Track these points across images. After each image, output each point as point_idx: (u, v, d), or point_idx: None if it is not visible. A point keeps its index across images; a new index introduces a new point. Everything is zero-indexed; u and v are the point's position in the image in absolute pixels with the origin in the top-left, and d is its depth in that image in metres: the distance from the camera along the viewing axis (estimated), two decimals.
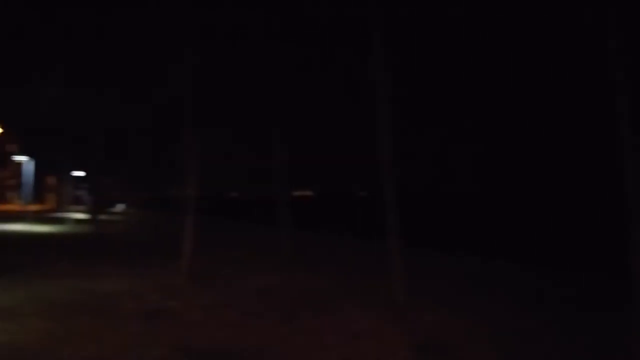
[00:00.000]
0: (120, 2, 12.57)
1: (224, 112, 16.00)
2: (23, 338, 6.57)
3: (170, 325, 7.43)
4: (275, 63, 12.55)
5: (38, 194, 55.99)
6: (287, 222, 14.00)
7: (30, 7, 11.88)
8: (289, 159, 13.68)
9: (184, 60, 10.78)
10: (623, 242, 6.78)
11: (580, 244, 18.19)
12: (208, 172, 17.74)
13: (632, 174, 6.36)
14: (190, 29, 10.59)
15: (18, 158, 42.00)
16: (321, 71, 13.36)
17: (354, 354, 6.33)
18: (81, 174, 36.22)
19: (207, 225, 15.84)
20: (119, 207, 36.42)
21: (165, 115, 17.24)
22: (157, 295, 9.45)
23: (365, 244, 19.23)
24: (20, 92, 21.46)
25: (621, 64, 6.24)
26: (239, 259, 14.81)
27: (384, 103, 9.08)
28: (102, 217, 20.42)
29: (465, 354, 6.42)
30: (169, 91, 13.31)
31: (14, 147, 44.76)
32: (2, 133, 33.55)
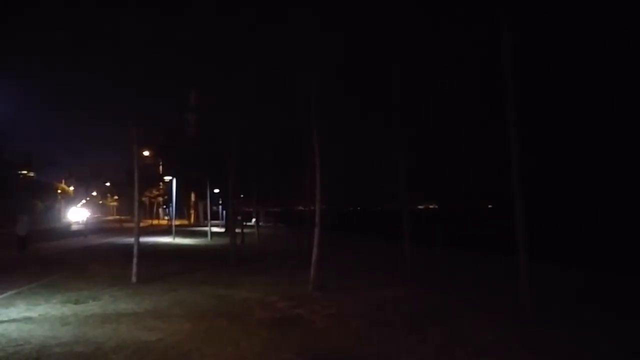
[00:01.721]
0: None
1: (348, 131, 16.31)
2: (172, 336, 7.42)
3: (298, 331, 7.81)
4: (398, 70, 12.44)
5: (181, 210, 61.77)
6: (410, 235, 13.88)
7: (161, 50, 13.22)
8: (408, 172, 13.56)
9: (308, 90, 11.35)
10: None
11: None
12: (333, 186, 18.20)
13: None
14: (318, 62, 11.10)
15: (165, 178, 46.97)
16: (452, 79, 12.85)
17: None
18: (217, 190, 39.17)
19: (333, 239, 16.33)
20: (252, 221, 38.88)
21: (294, 134, 18.05)
22: (286, 303, 9.97)
23: (491, 258, 18.41)
24: (165, 116, 23.92)
25: None
26: (363, 271, 15.00)
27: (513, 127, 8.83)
28: (236, 230, 21.88)
29: None
30: (297, 114, 13.92)
31: (160, 167, 49.80)
32: (148, 156, 37.43)
